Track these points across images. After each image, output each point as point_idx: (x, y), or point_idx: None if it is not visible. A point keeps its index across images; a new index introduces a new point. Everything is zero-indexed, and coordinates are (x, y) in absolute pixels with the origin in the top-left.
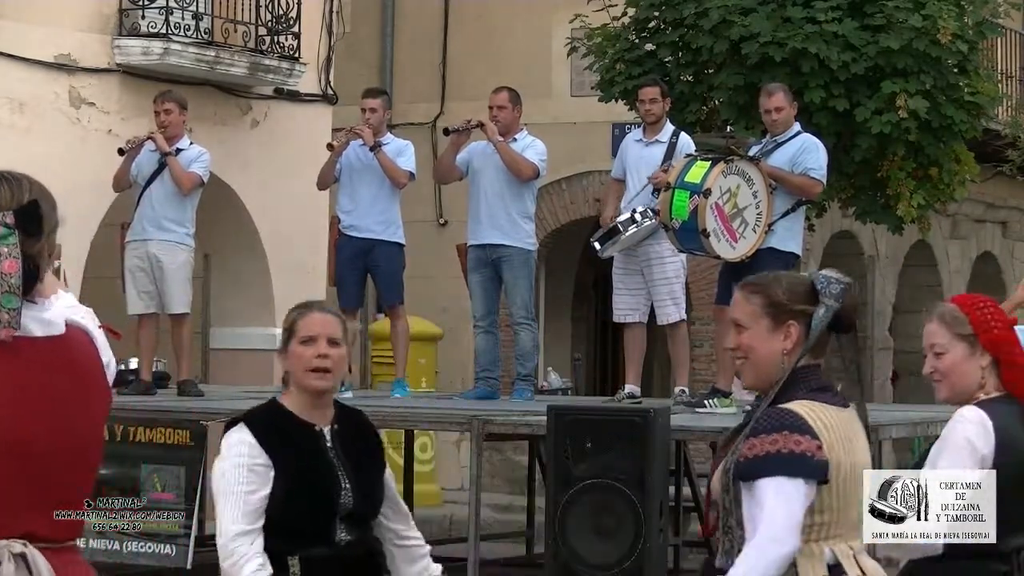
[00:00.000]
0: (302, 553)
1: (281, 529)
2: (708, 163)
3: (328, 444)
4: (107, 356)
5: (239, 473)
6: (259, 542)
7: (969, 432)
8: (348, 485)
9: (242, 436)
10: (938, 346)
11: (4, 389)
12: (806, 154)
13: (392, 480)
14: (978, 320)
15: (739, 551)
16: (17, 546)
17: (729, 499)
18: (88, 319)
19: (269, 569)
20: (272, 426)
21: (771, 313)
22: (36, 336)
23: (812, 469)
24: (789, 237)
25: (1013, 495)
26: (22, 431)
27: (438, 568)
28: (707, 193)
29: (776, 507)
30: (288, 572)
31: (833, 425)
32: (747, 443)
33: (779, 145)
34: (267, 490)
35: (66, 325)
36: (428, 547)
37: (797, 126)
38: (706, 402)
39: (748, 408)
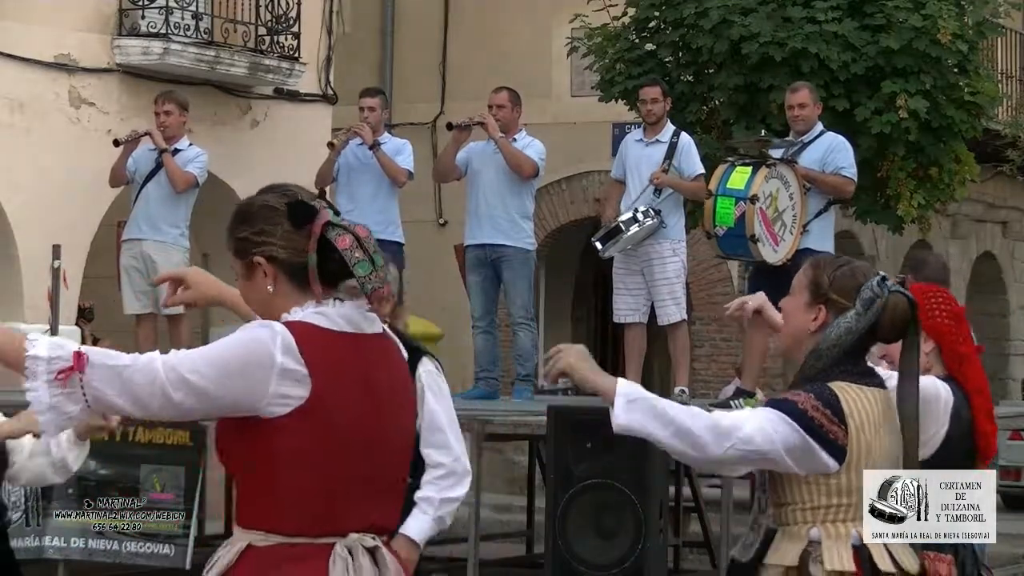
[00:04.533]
0: None
1: None
2: (749, 168)
3: None
4: None
5: None
6: None
7: (940, 390)
8: None
9: None
10: None
11: (354, 386)
12: (836, 153)
13: None
14: (923, 307)
15: (761, 543)
16: (369, 540)
17: (765, 498)
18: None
19: None
20: None
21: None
22: (367, 333)
23: (799, 417)
24: (824, 237)
25: (959, 463)
26: (370, 429)
27: None
28: (754, 199)
29: (748, 414)
30: None
31: (866, 408)
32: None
33: (805, 146)
34: None
35: None
36: None
37: (820, 125)
38: (731, 403)
39: None
